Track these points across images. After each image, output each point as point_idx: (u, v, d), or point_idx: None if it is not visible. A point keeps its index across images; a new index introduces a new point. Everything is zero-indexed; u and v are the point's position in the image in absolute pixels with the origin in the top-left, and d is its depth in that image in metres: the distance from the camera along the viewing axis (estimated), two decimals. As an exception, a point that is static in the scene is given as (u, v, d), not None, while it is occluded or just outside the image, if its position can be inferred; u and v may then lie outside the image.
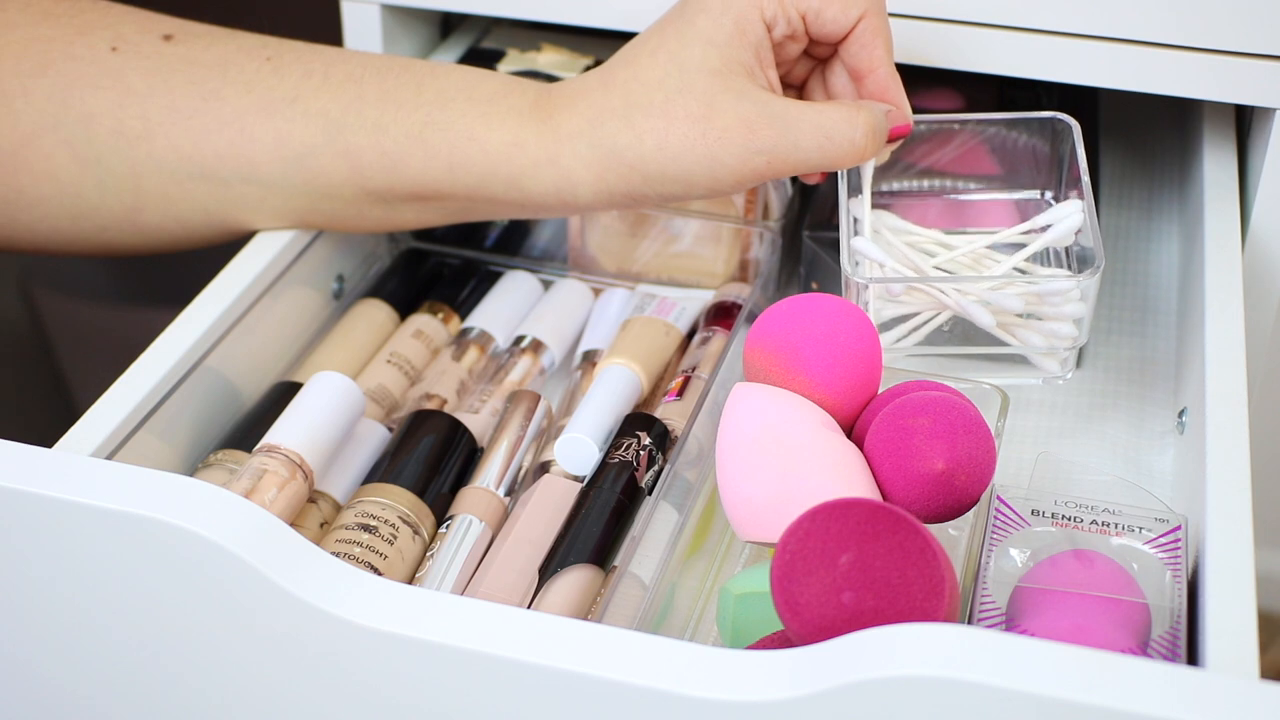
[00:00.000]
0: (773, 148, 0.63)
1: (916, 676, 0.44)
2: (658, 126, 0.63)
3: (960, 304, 0.65)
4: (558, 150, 0.65)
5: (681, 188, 0.65)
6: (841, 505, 0.51)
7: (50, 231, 0.71)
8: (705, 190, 0.65)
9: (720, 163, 0.63)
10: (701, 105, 0.63)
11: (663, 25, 0.65)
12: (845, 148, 0.63)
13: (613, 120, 0.64)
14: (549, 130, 0.65)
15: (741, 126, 0.63)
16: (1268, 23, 0.68)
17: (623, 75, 0.65)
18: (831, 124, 0.63)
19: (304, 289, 0.73)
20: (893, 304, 0.66)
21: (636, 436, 0.64)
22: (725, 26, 0.63)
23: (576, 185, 0.65)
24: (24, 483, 0.52)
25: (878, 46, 0.65)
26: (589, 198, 0.66)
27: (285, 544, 0.51)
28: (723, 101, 0.63)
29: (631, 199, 0.66)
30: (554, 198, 0.66)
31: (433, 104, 0.66)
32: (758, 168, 0.63)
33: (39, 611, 0.55)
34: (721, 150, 0.63)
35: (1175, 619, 0.54)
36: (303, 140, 0.67)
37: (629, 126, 0.64)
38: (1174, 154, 0.91)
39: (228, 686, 0.54)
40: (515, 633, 0.49)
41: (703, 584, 0.63)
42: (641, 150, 0.64)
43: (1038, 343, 0.66)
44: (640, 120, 0.64)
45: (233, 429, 0.67)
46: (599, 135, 0.64)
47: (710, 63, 0.63)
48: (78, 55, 0.69)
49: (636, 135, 0.64)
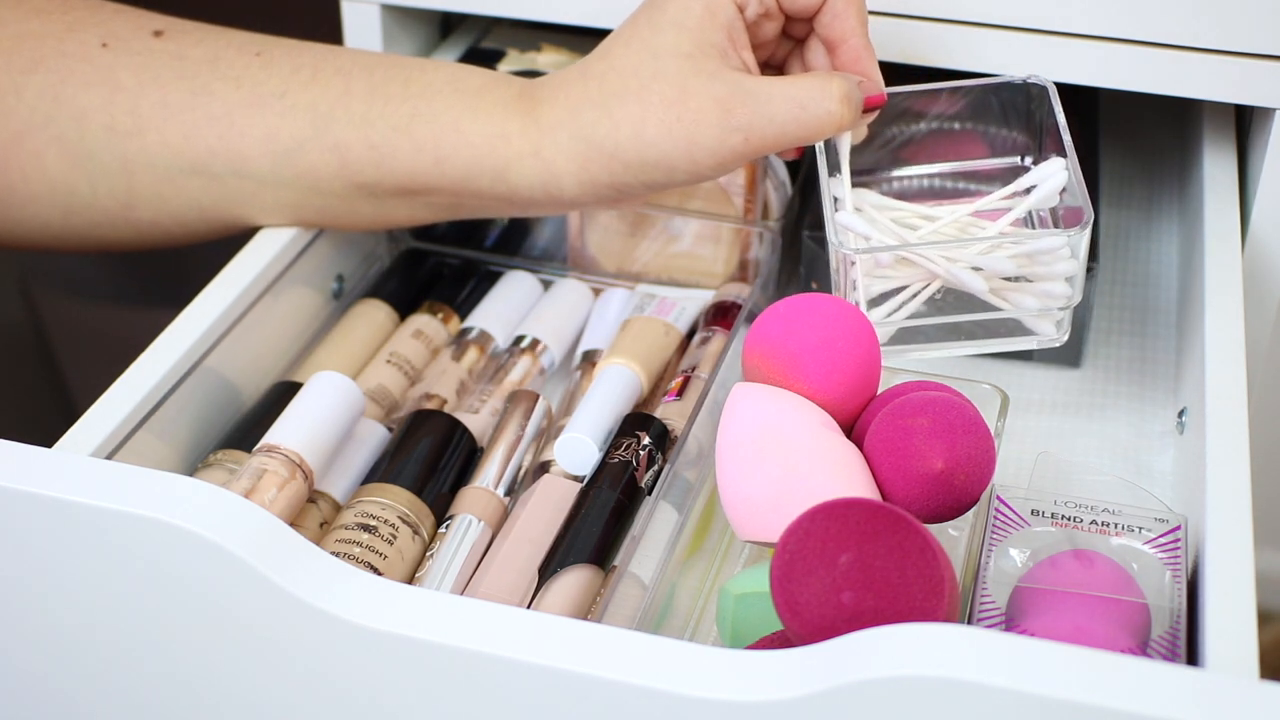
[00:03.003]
0: (749, 125, 0.63)
1: (916, 676, 0.44)
2: (633, 113, 0.63)
3: (950, 271, 0.64)
4: (540, 142, 0.65)
5: (663, 174, 0.64)
6: (841, 505, 0.51)
7: (42, 228, 0.71)
8: (686, 174, 0.64)
9: (697, 144, 0.63)
10: (675, 89, 0.63)
11: (636, 15, 0.66)
12: (821, 117, 0.63)
13: (590, 110, 0.64)
14: (532, 122, 0.65)
15: (715, 107, 0.63)
16: (1268, 23, 0.68)
17: (599, 66, 0.65)
18: (805, 94, 0.63)
19: (304, 289, 0.73)
20: (881, 279, 0.65)
21: (636, 436, 0.64)
22: (695, 10, 0.63)
23: (560, 177, 0.65)
24: (24, 483, 0.52)
25: (850, 16, 0.65)
26: (574, 190, 0.66)
27: (285, 544, 0.51)
28: (695, 84, 0.63)
29: (616, 190, 0.66)
30: (540, 191, 0.66)
31: (419, 97, 0.67)
32: (735, 146, 0.63)
33: (39, 611, 0.55)
34: (698, 132, 0.63)
35: (1175, 619, 0.54)
36: (291, 134, 0.67)
37: (606, 115, 0.64)
38: (1174, 154, 0.91)
39: (227, 686, 0.54)
40: (515, 633, 0.49)
41: (703, 584, 0.63)
42: (618, 138, 0.64)
43: (1031, 304, 0.65)
44: (617, 108, 0.64)
45: (232, 429, 0.67)
46: (578, 126, 0.64)
47: (682, 47, 0.63)
48: (68, 52, 0.69)
49: (614, 123, 0.64)
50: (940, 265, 0.64)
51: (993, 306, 0.66)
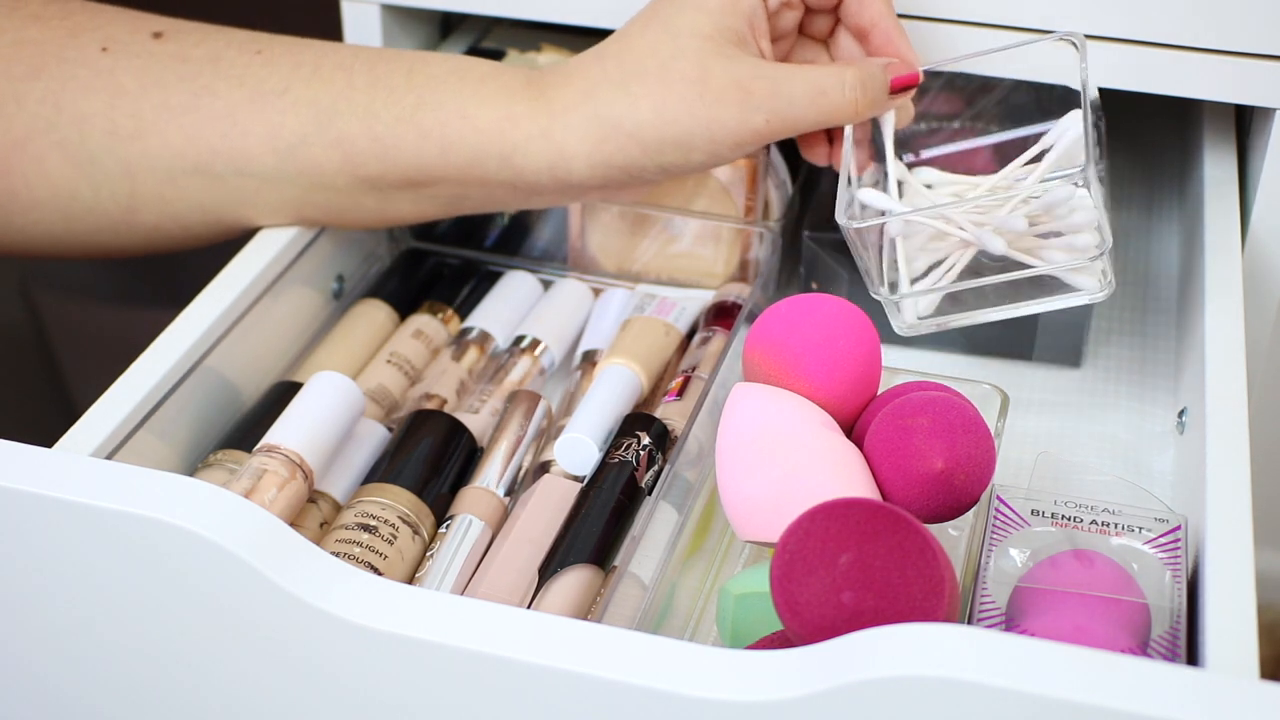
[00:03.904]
0: (769, 106, 0.63)
1: (916, 676, 0.44)
2: (654, 91, 0.63)
3: (975, 236, 0.65)
4: (550, 124, 0.65)
5: (681, 154, 0.65)
6: (841, 505, 0.51)
7: (45, 235, 0.71)
8: (704, 156, 0.65)
9: (719, 123, 0.63)
10: (696, 68, 0.63)
11: (654, 2, 0.66)
12: (838, 102, 0.64)
13: (608, 90, 0.64)
14: (542, 105, 0.65)
15: (736, 88, 0.63)
16: (1267, 23, 0.68)
17: (615, 48, 0.66)
18: (823, 79, 0.64)
19: (304, 289, 0.73)
20: (924, 253, 0.66)
21: (636, 436, 0.64)
22: None
23: (571, 159, 0.65)
24: (24, 483, 0.52)
25: (875, 2, 0.66)
26: (584, 172, 0.66)
27: (285, 544, 0.51)
28: (715, 64, 0.63)
29: (627, 173, 0.66)
30: (547, 174, 0.66)
31: (424, 87, 0.67)
32: (757, 127, 0.64)
33: (39, 611, 0.55)
34: (720, 110, 0.63)
35: (1175, 619, 0.54)
36: (295, 130, 0.67)
37: (625, 94, 0.64)
38: (1174, 154, 0.91)
39: (227, 686, 0.54)
40: (515, 633, 0.49)
41: (703, 584, 0.63)
42: (638, 117, 0.64)
43: (1061, 259, 0.65)
44: (635, 86, 0.64)
45: (233, 429, 0.67)
46: (594, 106, 0.65)
47: (702, 27, 0.64)
48: (69, 58, 0.69)
49: (632, 101, 0.64)
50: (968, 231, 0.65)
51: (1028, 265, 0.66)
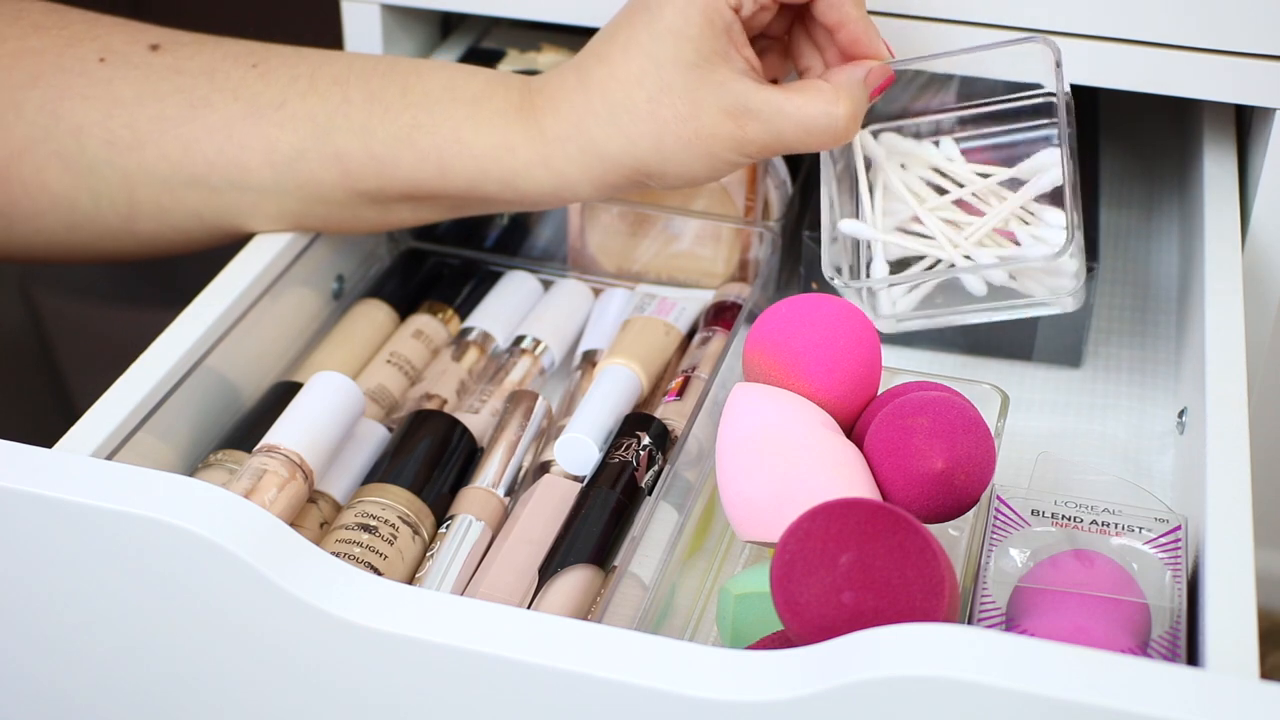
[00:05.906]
0: (759, 139, 0.64)
1: (916, 676, 0.44)
2: (648, 132, 0.64)
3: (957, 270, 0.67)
4: (548, 153, 0.66)
5: (684, 181, 0.66)
6: (841, 505, 0.51)
7: (47, 243, 0.72)
8: (707, 179, 0.67)
9: (717, 156, 0.65)
10: (686, 104, 0.64)
11: (630, 17, 0.65)
12: (826, 138, 0.65)
13: (598, 126, 0.65)
14: (537, 133, 0.66)
15: (728, 120, 0.64)
16: (1267, 23, 0.68)
17: (599, 73, 0.65)
18: (811, 118, 0.64)
19: (304, 289, 0.73)
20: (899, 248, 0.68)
21: (636, 436, 0.64)
22: (694, 19, 0.63)
23: (575, 184, 0.66)
24: (24, 483, 0.52)
25: (845, 2, 0.66)
26: (589, 193, 0.67)
27: (285, 544, 0.51)
28: (704, 96, 0.64)
29: (633, 188, 0.67)
30: (551, 196, 0.67)
31: (418, 106, 0.67)
32: (751, 155, 0.65)
33: (39, 611, 0.55)
34: (715, 145, 0.64)
35: (1175, 619, 0.54)
36: (291, 145, 0.67)
37: (619, 132, 0.64)
38: (1174, 154, 0.91)
39: (227, 686, 0.54)
40: (515, 633, 0.49)
41: (703, 584, 0.63)
42: (637, 154, 0.65)
43: (1041, 292, 0.67)
44: (629, 125, 0.64)
45: (233, 429, 0.67)
46: (588, 141, 0.65)
47: (685, 56, 0.63)
48: (67, 67, 0.69)
49: (629, 141, 0.64)
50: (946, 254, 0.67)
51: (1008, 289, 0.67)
